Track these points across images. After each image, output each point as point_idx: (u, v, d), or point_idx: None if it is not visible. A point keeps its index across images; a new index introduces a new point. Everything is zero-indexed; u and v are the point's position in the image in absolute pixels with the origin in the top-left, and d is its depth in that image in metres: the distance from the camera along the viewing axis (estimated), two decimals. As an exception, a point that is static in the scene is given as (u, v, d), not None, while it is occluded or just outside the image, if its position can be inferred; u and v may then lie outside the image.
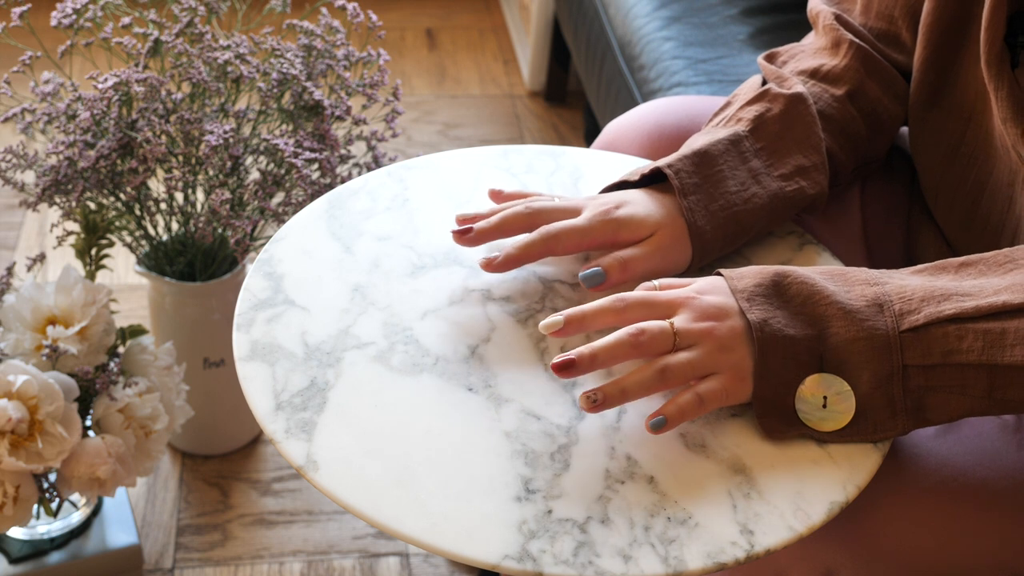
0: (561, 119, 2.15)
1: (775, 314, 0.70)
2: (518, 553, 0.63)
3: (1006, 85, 0.77)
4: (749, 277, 0.72)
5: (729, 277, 0.73)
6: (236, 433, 1.45)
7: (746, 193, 0.81)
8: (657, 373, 0.69)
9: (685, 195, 0.79)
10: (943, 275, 0.72)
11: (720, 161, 0.81)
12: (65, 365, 1.11)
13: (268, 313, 0.77)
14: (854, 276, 0.72)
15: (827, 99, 0.87)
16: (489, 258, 0.78)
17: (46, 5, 1.34)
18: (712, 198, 0.80)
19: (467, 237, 0.79)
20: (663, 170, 0.80)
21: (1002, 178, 0.83)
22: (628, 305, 0.71)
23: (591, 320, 0.71)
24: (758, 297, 0.71)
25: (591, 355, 0.69)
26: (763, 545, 0.65)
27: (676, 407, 0.69)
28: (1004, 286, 0.69)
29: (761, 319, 0.70)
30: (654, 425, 0.68)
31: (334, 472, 0.67)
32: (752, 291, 0.71)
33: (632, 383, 0.69)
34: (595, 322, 0.71)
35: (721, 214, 0.80)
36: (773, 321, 0.70)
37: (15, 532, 1.22)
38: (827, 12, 0.92)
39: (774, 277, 0.72)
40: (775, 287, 0.71)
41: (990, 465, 0.74)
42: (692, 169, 0.80)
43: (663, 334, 0.70)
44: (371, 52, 1.22)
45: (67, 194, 1.15)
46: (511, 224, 0.79)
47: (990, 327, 0.68)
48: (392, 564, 1.33)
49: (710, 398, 0.69)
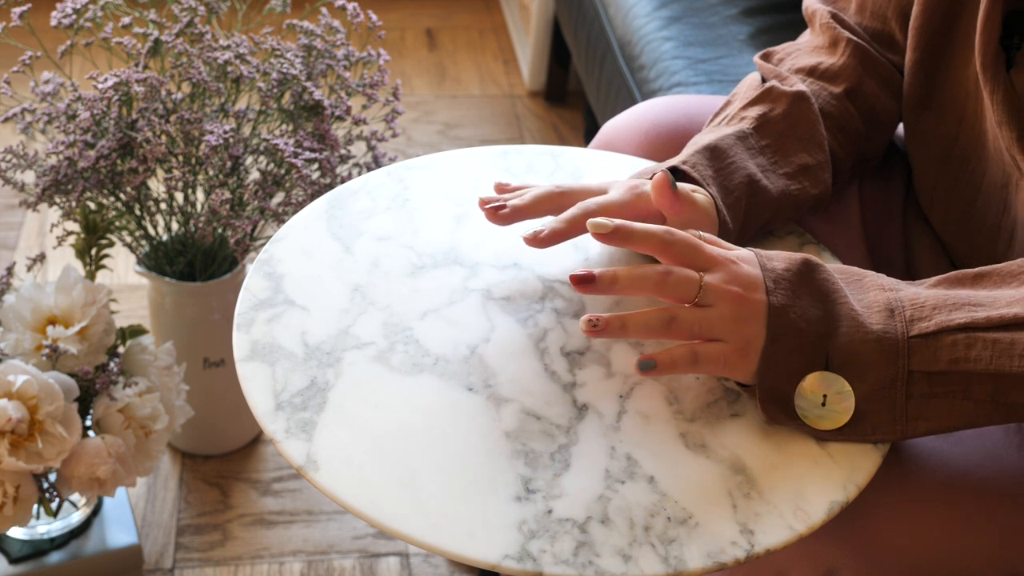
0: (561, 119, 2.15)
1: (795, 303, 0.70)
2: (518, 553, 0.63)
3: (1001, 88, 0.77)
4: (778, 260, 0.72)
5: (761, 255, 0.73)
6: (236, 433, 1.45)
7: (756, 186, 0.81)
8: (664, 319, 0.69)
9: (707, 185, 0.79)
10: (958, 288, 0.72)
11: (731, 154, 0.81)
12: (65, 365, 1.11)
13: (268, 313, 0.77)
14: (870, 281, 0.73)
15: (825, 97, 0.87)
16: (535, 231, 0.76)
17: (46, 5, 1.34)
18: (727, 191, 0.80)
19: (502, 214, 0.79)
20: (679, 167, 0.80)
21: (996, 180, 0.83)
22: (676, 240, 0.71)
23: (638, 238, 0.71)
24: (784, 282, 0.71)
25: (612, 276, 0.69)
26: (763, 545, 0.65)
27: (669, 355, 0.69)
28: (1017, 298, 0.69)
29: (781, 304, 0.70)
30: (642, 366, 0.68)
31: (334, 472, 0.67)
32: (780, 275, 0.71)
33: (636, 320, 0.69)
34: (641, 242, 0.71)
35: (736, 207, 0.80)
36: (791, 310, 0.70)
37: (15, 532, 1.22)
38: (823, 11, 0.92)
39: (802, 266, 0.72)
40: (801, 275, 0.71)
41: (991, 465, 0.74)
42: (706, 163, 0.80)
43: (689, 282, 0.69)
44: (371, 52, 1.22)
45: (67, 194, 1.15)
46: (544, 203, 0.79)
47: (1000, 337, 0.68)
48: (392, 564, 1.33)
49: (706, 360, 0.69)
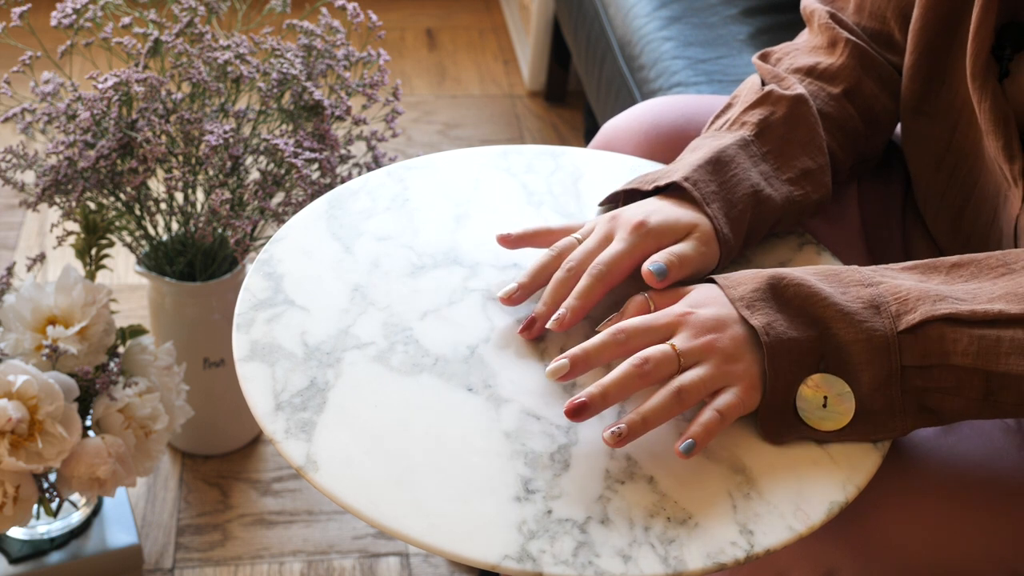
0: (561, 119, 2.15)
1: (776, 317, 0.70)
2: (518, 553, 0.63)
3: (989, 97, 0.77)
4: (745, 283, 0.72)
5: (724, 286, 0.73)
6: (236, 433, 1.45)
7: (760, 196, 0.80)
8: (673, 397, 0.69)
9: (708, 204, 0.79)
10: (934, 275, 0.72)
11: (733, 165, 0.81)
12: (65, 365, 1.11)
13: (268, 313, 0.77)
14: (848, 276, 0.72)
15: (824, 97, 0.87)
16: (559, 318, 0.75)
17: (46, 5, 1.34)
18: (731, 204, 0.79)
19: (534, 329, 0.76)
20: (681, 184, 0.79)
21: (988, 189, 0.82)
22: (629, 336, 0.71)
23: (595, 357, 0.71)
24: (758, 302, 0.71)
25: (602, 393, 0.69)
26: (763, 545, 0.65)
27: (702, 427, 0.68)
28: (999, 294, 0.69)
29: (766, 323, 0.70)
30: (685, 450, 0.68)
31: (334, 472, 0.66)
32: (751, 297, 0.71)
33: (652, 411, 0.68)
34: (600, 358, 0.71)
35: (740, 219, 0.79)
36: (776, 324, 0.70)
37: (15, 532, 1.22)
38: (822, 11, 0.92)
39: (769, 281, 0.72)
40: (771, 290, 0.71)
41: (991, 465, 0.74)
42: (708, 178, 0.80)
43: (667, 358, 0.69)
44: (371, 52, 1.22)
45: (67, 194, 1.15)
46: (561, 292, 0.77)
47: (985, 333, 0.68)
48: (392, 564, 1.33)
49: (729, 412, 0.69)
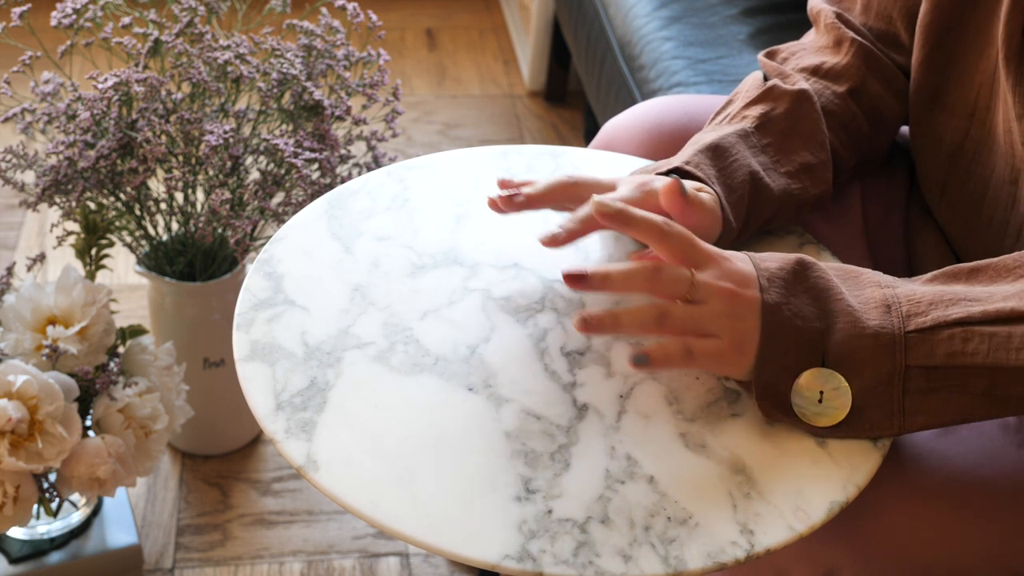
0: (561, 119, 2.15)
1: (789, 301, 0.70)
2: (518, 553, 0.63)
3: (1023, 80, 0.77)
4: (772, 260, 0.72)
5: (754, 256, 0.73)
6: (236, 433, 1.45)
7: (759, 183, 0.81)
8: (656, 314, 0.69)
9: (712, 183, 0.79)
10: (954, 283, 0.72)
11: (733, 152, 0.81)
12: (65, 365, 1.11)
13: (268, 313, 0.77)
14: (866, 278, 0.73)
15: (829, 96, 0.88)
16: (553, 234, 0.76)
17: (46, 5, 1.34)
18: (731, 189, 0.80)
19: (516, 202, 0.78)
20: (682, 167, 0.80)
21: (1004, 176, 0.83)
22: (672, 232, 0.70)
23: (635, 223, 0.70)
24: (778, 280, 0.71)
25: (604, 273, 0.69)
26: (763, 545, 0.65)
27: (663, 350, 0.68)
28: (1013, 292, 0.69)
29: (775, 302, 0.70)
30: (636, 360, 0.68)
31: (334, 472, 0.66)
32: (773, 273, 0.71)
33: (628, 316, 0.69)
34: (640, 228, 0.70)
35: (739, 204, 0.80)
36: (785, 308, 0.70)
37: (15, 532, 1.22)
38: (828, 11, 0.92)
39: (796, 265, 0.72)
40: (795, 274, 0.71)
41: (990, 465, 0.74)
42: (708, 162, 0.80)
43: (680, 279, 0.69)
44: (371, 52, 1.22)
45: (67, 194, 1.15)
46: (557, 192, 0.79)
47: (997, 331, 0.68)
48: (392, 564, 1.33)
49: (701, 355, 0.69)
